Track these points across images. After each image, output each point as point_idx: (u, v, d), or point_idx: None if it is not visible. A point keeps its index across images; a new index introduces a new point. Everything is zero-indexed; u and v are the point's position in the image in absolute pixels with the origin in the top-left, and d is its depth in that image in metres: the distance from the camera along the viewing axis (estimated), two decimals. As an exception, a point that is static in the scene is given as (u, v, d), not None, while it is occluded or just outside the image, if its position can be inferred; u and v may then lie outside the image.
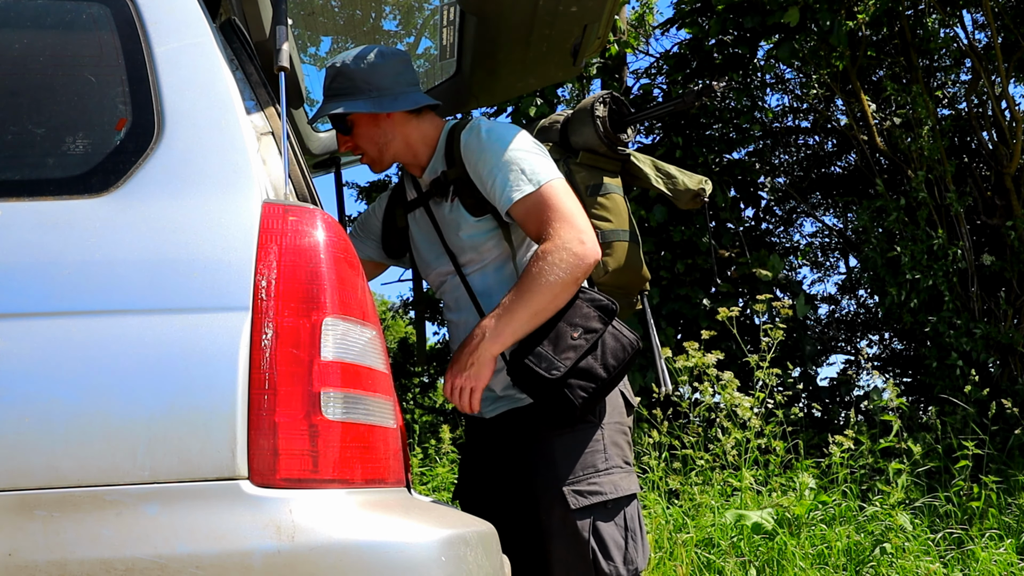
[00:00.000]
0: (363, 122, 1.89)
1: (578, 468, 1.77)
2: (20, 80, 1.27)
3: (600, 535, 1.75)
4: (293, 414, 1.10)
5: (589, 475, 1.77)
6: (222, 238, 1.16)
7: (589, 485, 1.76)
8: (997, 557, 3.39)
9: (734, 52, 6.94)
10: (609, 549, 1.75)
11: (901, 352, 8.87)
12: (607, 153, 2.07)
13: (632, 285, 2.07)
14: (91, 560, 1.03)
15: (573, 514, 1.74)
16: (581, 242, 1.68)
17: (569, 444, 1.79)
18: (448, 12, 2.57)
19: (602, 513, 1.76)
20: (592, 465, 1.78)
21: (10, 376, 1.08)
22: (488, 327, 1.68)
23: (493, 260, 1.88)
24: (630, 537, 1.79)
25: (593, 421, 1.81)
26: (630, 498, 1.82)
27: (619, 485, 1.79)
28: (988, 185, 7.00)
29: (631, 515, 1.81)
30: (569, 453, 1.78)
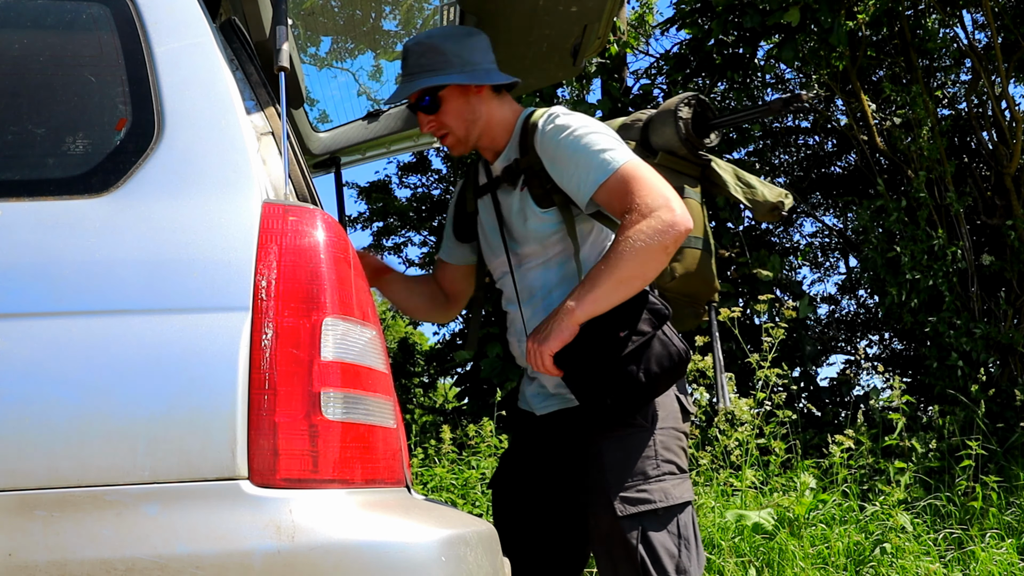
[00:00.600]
0: (453, 97, 1.85)
1: (627, 475, 1.73)
2: (20, 80, 1.27)
3: (650, 543, 1.71)
4: (293, 414, 1.10)
5: (638, 482, 1.72)
6: (222, 238, 1.16)
7: (638, 492, 1.72)
8: (997, 557, 3.39)
9: (734, 52, 6.94)
10: (660, 557, 1.71)
11: (901, 352, 8.87)
12: (687, 156, 1.98)
13: (700, 295, 1.98)
14: (91, 560, 1.03)
15: (621, 521, 1.71)
16: (670, 209, 1.63)
17: (619, 449, 1.75)
18: (448, 12, 2.57)
19: (652, 520, 1.72)
20: (642, 472, 1.73)
21: (10, 376, 1.08)
22: (573, 296, 1.65)
23: (556, 255, 1.84)
24: (683, 545, 1.74)
25: (644, 426, 1.76)
26: (683, 505, 1.77)
27: (670, 492, 1.74)
28: (988, 185, 7.00)
29: (685, 522, 1.76)
30: (619, 459, 1.74)
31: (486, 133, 1.90)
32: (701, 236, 1.94)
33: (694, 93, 1.99)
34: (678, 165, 1.98)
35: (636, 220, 1.63)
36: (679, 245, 1.65)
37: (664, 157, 1.96)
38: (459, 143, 1.90)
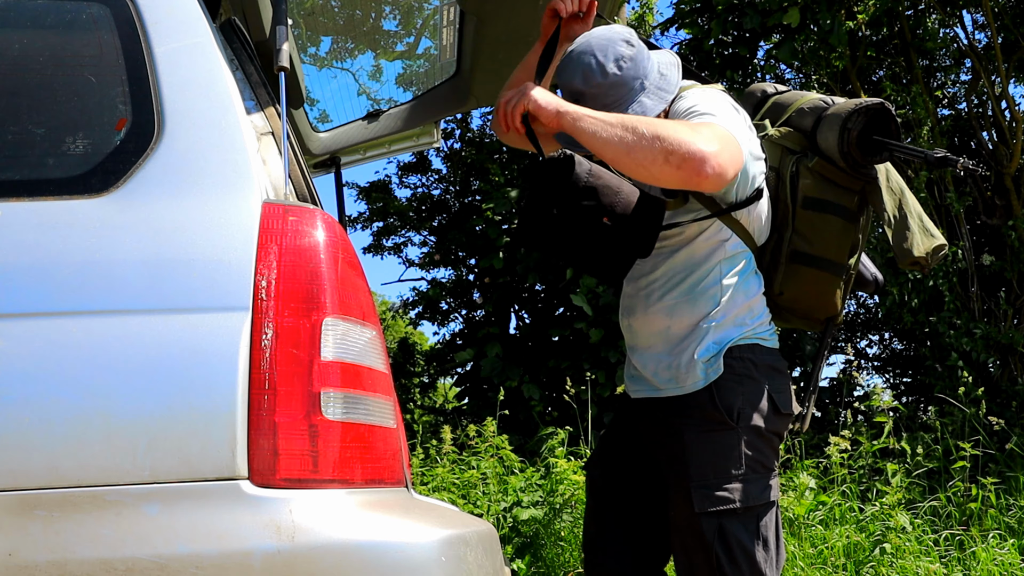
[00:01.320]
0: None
1: (709, 470, 1.70)
2: (20, 80, 1.27)
3: (727, 541, 1.68)
4: (293, 414, 1.10)
5: (720, 480, 1.70)
6: (222, 238, 1.16)
7: (719, 491, 1.69)
8: (998, 558, 3.39)
9: (734, 52, 6.94)
10: (735, 556, 1.68)
11: (901, 352, 8.86)
12: (845, 169, 1.79)
13: (814, 313, 1.87)
14: (91, 560, 1.03)
15: (700, 517, 1.69)
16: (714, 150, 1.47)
17: (704, 444, 1.72)
18: (448, 12, 2.57)
19: (731, 519, 1.69)
20: (725, 470, 1.70)
21: (10, 376, 1.08)
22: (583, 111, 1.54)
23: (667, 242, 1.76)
24: (762, 545, 1.71)
25: (731, 424, 1.71)
26: (766, 505, 1.73)
27: (752, 493, 1.70)
28: (988, 185, 6.99)
29: (766, 523, 1.73)
30: (703, 454, 1.71)
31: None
32: (828, 258, 1.80)
33: (879, 101, 1.77)
34: (835, 176, 1.80)
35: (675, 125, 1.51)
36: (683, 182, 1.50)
37: (821, 164, 1.79)
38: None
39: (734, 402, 1.72)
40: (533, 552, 3.80)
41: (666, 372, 1.78)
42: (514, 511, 3.92)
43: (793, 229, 1.78)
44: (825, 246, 1.79)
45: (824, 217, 1.79)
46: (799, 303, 1.83)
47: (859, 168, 1.79)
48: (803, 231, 1.79)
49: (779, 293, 1.81)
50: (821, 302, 1.85)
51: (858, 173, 1.80)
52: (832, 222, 1.79)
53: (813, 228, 1.78)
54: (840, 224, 1.80)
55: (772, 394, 1.75)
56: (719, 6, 6.52)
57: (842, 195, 1.80)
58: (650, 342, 1.81)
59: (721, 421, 1.71)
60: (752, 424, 1.72)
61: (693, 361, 1.74)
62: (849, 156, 1.76)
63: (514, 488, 4.14)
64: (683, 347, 1.76)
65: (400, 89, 3.16)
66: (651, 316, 1.80)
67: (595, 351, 6.45)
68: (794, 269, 1.79)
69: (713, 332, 1.74)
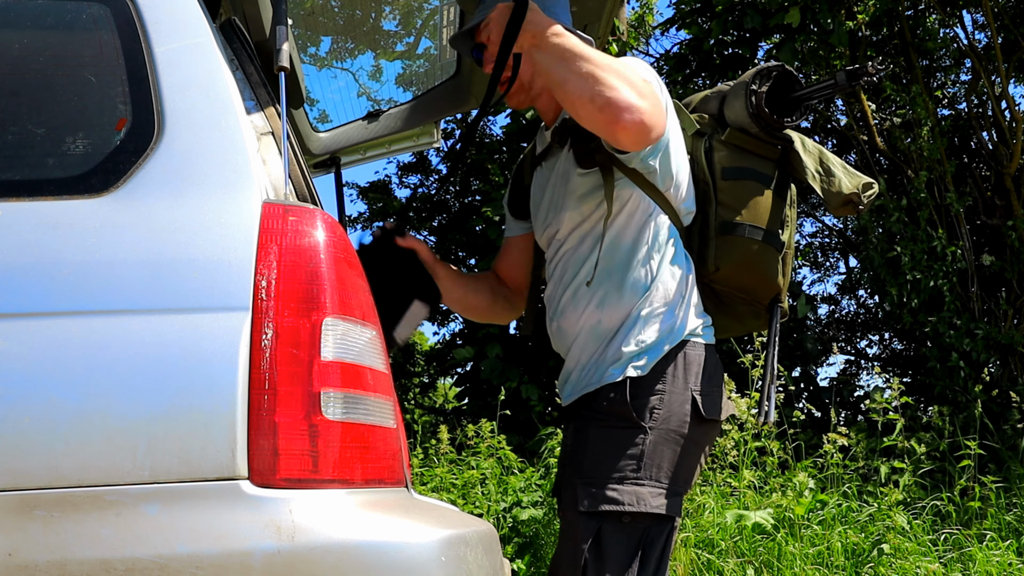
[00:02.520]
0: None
1: (603, 468, 1.56)
2: (20, 80, 1.27)
3: (600, 547, 1.53)
4: (293, 414, 1.10)
5: (611, 480, 1.55)
6: (222, 238, 1.16)
7: (607, 490, 1.55)
8: (997, 558, 3.39)
9: (734, 52, 6.94)
10: (605, 565, 1.53)
11: (901, 352, 8.87)
12: (759, 135, 1.75)
13: (758, 292, 1.77)
14: (91, 560, 1.03)
15: (580, 516, 1.55)
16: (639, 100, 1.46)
17: (602, 439, 1.59)
18: (448, 12, 2.57)
19: (614, 525, 1.55)
20: (618, 470, 1.56)
21: (10, 376, 1.07)
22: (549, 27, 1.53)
23: (591, 225, 1.70)
24: (641, 563, 1.55)
25: (639, 424, 1.58)
26: (659, 519, 1.57)
27: (645, 500, 1.55)
28: (988, 185, 7.00)
29: (654, 540, 1.57)
30: (600, 450, 1.58)
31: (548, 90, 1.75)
32: (760, 226, 1.73)
33: (778, 64, 1.77)
34: (750, 144, 1.77)
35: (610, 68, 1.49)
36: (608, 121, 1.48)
37: (733, 134, 1.76)
38: (521, 91, 1.78)
39: (647, 401, 1.59)
40: (533, 552, 3.80)
41: (588, 370, 1.69)
42: (514, 511, 3.92)
43: (717, 202, 1.73)
44: (752, 213, 1.73)
45: (745, 184, 1.74)
46: (737, 279, 1.74)
47: (773, 131, 1.76)
48: (726, 201, 1.74)
49: (715, 270, 1.72)
50: (760, 277, 1.75)
51: (773, 137, 1.76)
52: (753, 187, 1.75)
53: (735, 196, 1.74)
54: (761, 189, 1.75)
55: (695, 397, 1.63)
56: (719, 6, 6.52)
57: (759, 163, 1.77)
58: (582, 341, 1.70)
59: (627, 417, 1.58)
60: (665, 428, 1.59)
61: (618, 353, 1.63)
62: (759, 118, 1.73)
63: (514, 488, 4.14)
64: (610, 341, 1.66)
65: (400, 89, 3.16)
66: (580, 312, 1.70)
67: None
68: (726, 241, 1.72)
69: (642, 323, 1.63)
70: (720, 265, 1.72)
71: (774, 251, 1.76)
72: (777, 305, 1.80)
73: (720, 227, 1.73)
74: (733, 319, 1.82)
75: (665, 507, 1.57)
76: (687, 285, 1.69)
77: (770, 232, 1.75)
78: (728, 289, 1.76)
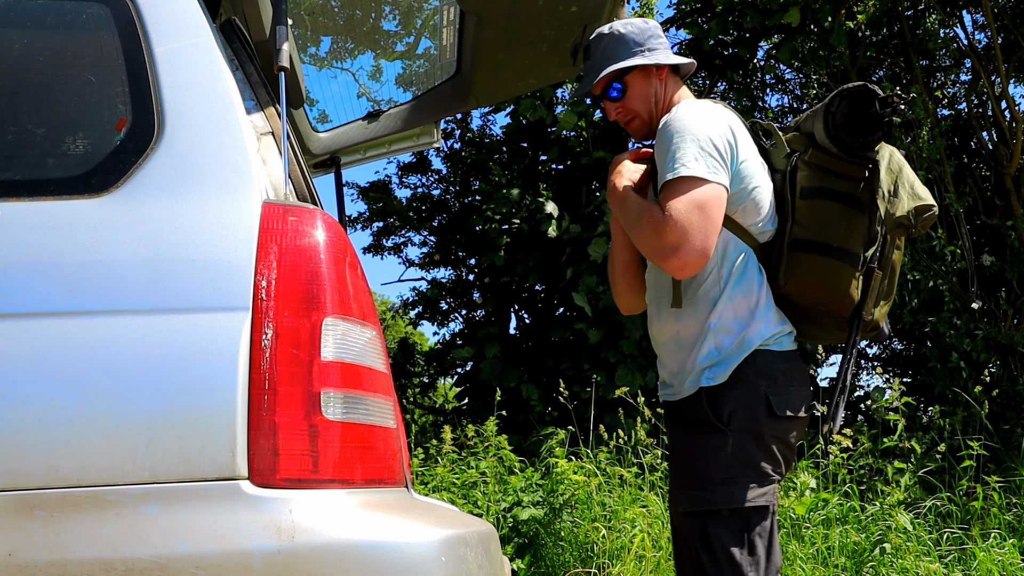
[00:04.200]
0: (636, 82, 1.92)
1: (696, 472, 1.74)
2: (20, 80, 1.27)
3: (708, 542, 1.70)
4: (293, 414, 1.10)
5: (705, 481, 1.73)
6: (222, 238, 1.16)
7: (704, 492, 1.72)
8: (998, 557, 3.39)
9: (734, 52, 6.95)
10: (717, 558, 1.70)
11: (901, 352, 8.86)
12: (839, 155, 1.79)
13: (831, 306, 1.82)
14: (91, 560, 1.03)
15: (686, 517, 1.74)
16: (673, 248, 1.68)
17: (695, 447, 1.76)
18: (448, 12, 2.57)
19: (716, 521, 1.71)
20: (711, 471, 1.72)
21: (10, 376, 1.07)
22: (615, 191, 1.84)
23: None
24: (746, 550, 1.71)
25: (719, 427, 1.73)
26: (756, 510, 1.73)
27: (737, 496, 1.71)
28: (988, 185, 7.00)
29: (755, 529, 1.72)
30: (693, 456, 1.76)
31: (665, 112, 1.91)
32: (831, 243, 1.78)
33: (861, 84, 1.79)
34: (831, 164, 1.81)
35: (657, 218, 1.71)
36: (681, 270, 1.70)
37: (815, 155, 1.82)
38: (644, 125, 1.94)
39: (724, 405, 1.74)
40: (533, 552, 3.80)
41: (677, 377, 1.85)
42: (514, 511, 3.92)
43: (793, 220, 1.80)
44: (826, 232, 1.78)
45: (821, 203, 1.79)
46: (807, 294, 1.80)
47: (853, 151, 1.79)
48: (801, 219, 1.80)
49: (784, 284, 1.79)
50: (832, 292, 1.79)
51: (854, 157, 1.80)
52: (829, 207, 1.79)
53: (810, 215, 1.79)
54: (838, 209, 1.79)
55: (769, 397, 1.75)
56: (719, 6, 6.52)
57: (839, 182, 1.81)
58: (669, 348, 1.87)
59: (709, 423, 1.74)
60: (744, 427, 1.73)
61: (695, 365, 1.78)
62: (838, 139, 1.78)
63: (514, 488, 4.14)
64: (690, 351, 1.81)
65: (400, 89, 3.16)
66: (664, 323, 1.87)
67: (595, 351, 6.44)
68: (795, 257, 1.79)
69: (713, 336, 1.77)
70: (788, 280, 1.80)
71: (847, 267, 1.79)
72: (858, 319, 1.83)
73: (791, 244, 1.80)
74: (820, 329, 1.90)
75: (759, 498, 1.73)
76: (759, 298, 1.80)
77: (843, 249, 1.79)
78: (804, 302, 1.83)
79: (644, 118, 1.92)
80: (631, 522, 3.71)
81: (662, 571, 3.48)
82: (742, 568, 1.69)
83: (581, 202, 7.40)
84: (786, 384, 1.77)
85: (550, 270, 7.21)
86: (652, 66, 1.90)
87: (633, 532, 3.63)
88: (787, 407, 1.76)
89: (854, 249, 1.79)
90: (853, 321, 1.84)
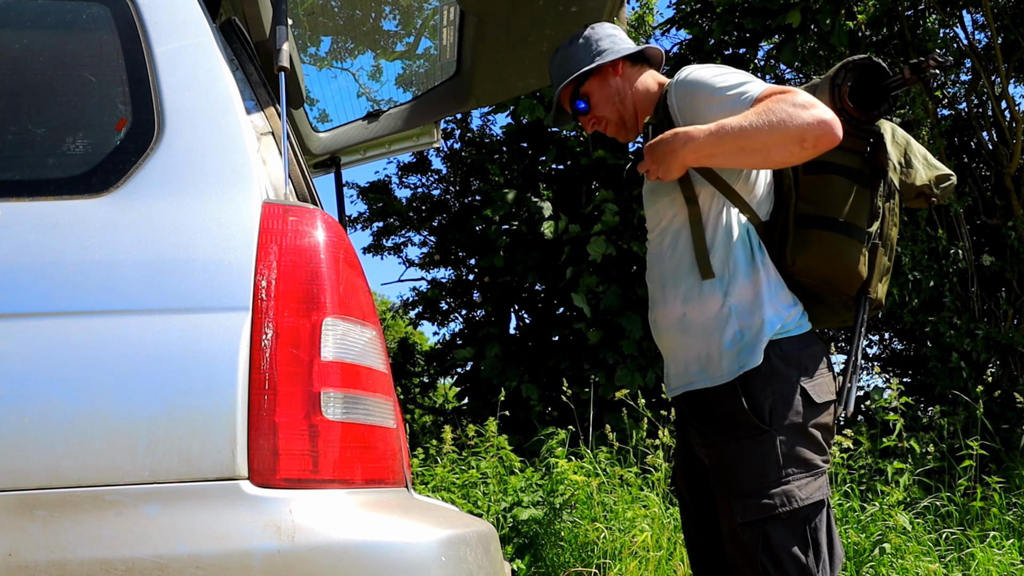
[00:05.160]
0: (596, 88, 1.89)
1: (747, 479, 1.66)
2: (20, 80, 1.27)
3: (772, 549, 1.63)
4: (293, 414, 1.10)
5: (760, 487, 1.65)
6: (222, 238, 1.16)
7: (759, 498, 1.65)
8: (998, 558, 3.39)
9: (734, 52, 6.95)
10: (783, 563, 1.63)
11: (901, 352, 8.86)
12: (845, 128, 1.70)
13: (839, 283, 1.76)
14: (91, 560, 1.03)
15: (742, 527, 1.66)
16: (822, 109, 1.54)
17: (739, 453, 1.68)
18: (448, 12, 2.57)
19: (776, 525, 1.64)
20: (763, 476, 1.65)
21: (10, 376, 1.07)
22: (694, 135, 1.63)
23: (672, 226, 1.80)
24: (811, 550, 1.65)
25: (763, 427, 1.66)
26: (814, 507, 1.67)
27: (794, 495, 1.64)
28: (988, 185, 7.00)
29: (815, 524, 1.67)
30: (739, 463, 1.68)
31: (640, 108, 1.89)
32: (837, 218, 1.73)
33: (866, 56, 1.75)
34: None
35: (781, 99, 1.57)
36: (819, 148, 1.56)
37: None
38: (619, 128, 1.91)
39: (764, 404, 1.67)
40: (533, 552, 3.80)
41: (696, 364, 1.76)
42: (514, 511, 3.92)
43: (797, 195, 1.75)
44: (831, 206, 1.73)
45: (825, 177, 1.74)
46: (815, 271, 1.74)
47: (859, 124, 1.74)
48: (805, 195, 1.75)
49: (792, 263, 1.74)
50: (839, 269, 1.73)
51: (859, 130, 1.75)
52: (834, 181, 1.74)
53: (815, 189, 1.75)
54: (843, 183, 1.74)
55: (804, 386, 1.69)
56: (719, 7, 6.53)
57: (843, 156, 1.74)
58: (671, 333, 1.80)
59: (754, 426, 1.66)
60: (788, 423, 1.67)
61: (722, 351, 1.70)
62: (843, 112, 1.72)
63: (514, 488, 4.14)
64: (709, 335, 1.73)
65: (400, 89, 3.16)
66: (669, 306, 1.80)
67: (595, 352, 6.45)
68: (802, 234, 1.73)
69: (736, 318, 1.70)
70: (796, 259, 1.73)
71: (855, 242, 1.73)
72: (865, 296, 1.78)
73: (797, 220, 1.75)
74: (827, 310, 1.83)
75: (816, 492, 1.67)
76: (768, 279, 1.73)
77: (849, 224, 1.73)
78: (811, 281, 1.76)
79: (615, 119, 1.90)
80: (631, 522, 3.71)
81: (662, 571, 3.48)
82: (810, 571, 1.64)
83: (580, 202, 7.40)
84: (815, 368, 1.72)
85: (550, 270, 7.21)
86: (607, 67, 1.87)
87: (633, 532, 3.63)
88: (824, 392, 1.72)
89: (860, 224, 1.74)
90: (860, 299, 1.79)
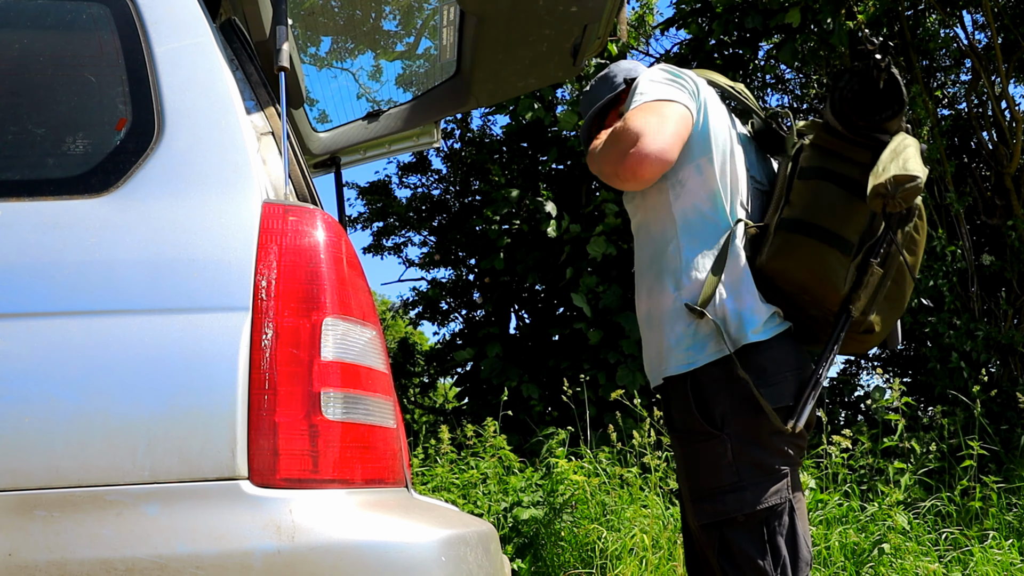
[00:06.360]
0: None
1: (704, 483, 1.68)
2: (20, 80, 1.27)
3: (729, 552, 1.64)
4: (293, 414, 1.10)
5: (713, 491, 1.66)
6: (222, 238, 1.16)
7: (713, 502, 1.66)
8: (998, 557, 3.39)
9: (734, 52, 6.94)
10: (740, 566, 1.63)
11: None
12: (846, 135, 1.67)
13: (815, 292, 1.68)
14: (91, 560, 1.03)
15: (701, 528, 1.69)
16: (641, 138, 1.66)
17: (694, 456, 1.70)
18: (448, 12, 2.57)
19: (732, 528, 1.65)
20: (717, 480, 1.66)
21: (10, 376, 1.07)
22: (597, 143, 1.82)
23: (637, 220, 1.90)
24: (768, 554, 1.63)
25: (714, 432, 1.66)
26: (771, 510, 1.65)
27: (748, 500, 1.63)
28: (988, 185, 7.00)
29: (774, 528, 1.65)
30: (694, 466, 1.70)
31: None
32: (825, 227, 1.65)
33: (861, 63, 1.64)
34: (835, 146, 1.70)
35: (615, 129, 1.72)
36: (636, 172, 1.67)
37: (820, 136, 1.73)
38: None
39: (715, 408, 1.66)
40: (533, 552, 3.80)
41: (656, 359, 1.79)
42: (514, 511, 3.92)
43: (786, 199, 1.72)
44: (816, 213, 1.66)
45: (817, 184, 1.69)
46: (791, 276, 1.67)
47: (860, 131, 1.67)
48: (793, 200, 1.71)
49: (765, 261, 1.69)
50: (814, 276, 1.66)
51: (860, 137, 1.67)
52: (826, 188, 1.67)
53: (802, 195, 1.70)
54: (835, 191, 1.67)
55: (760, 390, 1.63)
56: (719, 7, 6.52)
57: (843, 165, 1.69)
58: (641, 327, 1.85)
59: (704, 431, 1.67)
60: (740, 428, 1.65)
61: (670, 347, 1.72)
62: (844, 116, 1.66)
63: (514, 488, 4.14)
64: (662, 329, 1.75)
65: (400, 89, 3.16)
66: (640, 301, 1.85)
67: (595, 351, 6.45)
68: (781, 236, 1.68)
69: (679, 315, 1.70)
70: (771, 260, 1.68)
71: (836, 252, 1.65)
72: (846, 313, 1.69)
73: (778, 223, 1.70)
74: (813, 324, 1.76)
75: (771, 496, 1.65)
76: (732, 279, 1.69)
77: (833, 234, 1.65)
78: (790, 288, 1.70)
79: None
80: (632, 522, 3.71)
81: (662, 571, 3.48)
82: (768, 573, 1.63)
83: (581, 202, 7.40)
84: (776, 371, 1.66)
85: (550, 270, 7.21)
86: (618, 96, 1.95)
87: (633, 532, 3.63)
88: (780, 398, 1.66)
89: (847, 235, 1.66)
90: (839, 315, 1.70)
